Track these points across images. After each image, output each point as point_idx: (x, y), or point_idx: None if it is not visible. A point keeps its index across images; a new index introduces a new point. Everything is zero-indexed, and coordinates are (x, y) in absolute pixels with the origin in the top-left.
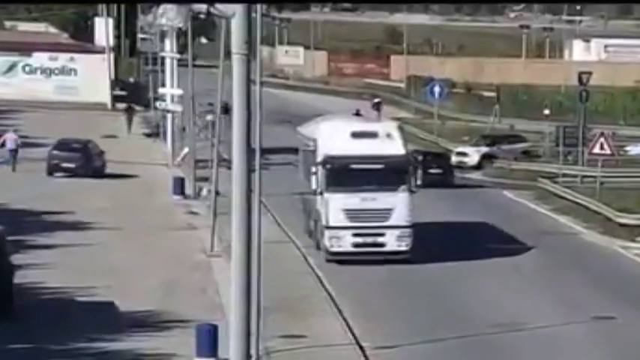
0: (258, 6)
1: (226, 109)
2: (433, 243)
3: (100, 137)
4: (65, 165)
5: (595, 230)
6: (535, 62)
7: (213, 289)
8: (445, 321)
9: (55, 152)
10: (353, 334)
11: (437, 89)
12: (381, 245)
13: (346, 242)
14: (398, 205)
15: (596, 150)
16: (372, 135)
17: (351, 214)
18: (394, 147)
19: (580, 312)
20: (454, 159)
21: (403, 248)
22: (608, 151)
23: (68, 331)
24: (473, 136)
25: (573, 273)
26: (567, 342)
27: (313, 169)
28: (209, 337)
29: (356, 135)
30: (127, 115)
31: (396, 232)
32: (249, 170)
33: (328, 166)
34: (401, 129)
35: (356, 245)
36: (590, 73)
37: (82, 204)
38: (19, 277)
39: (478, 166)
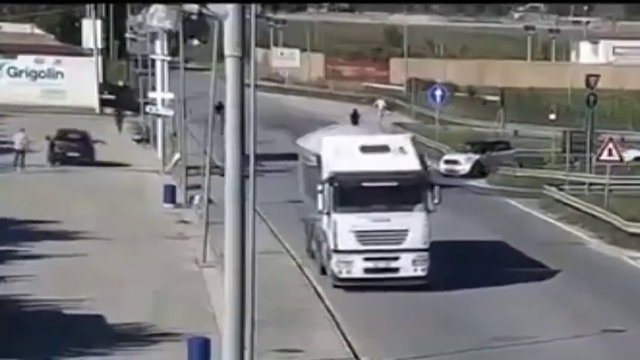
0: (253, 6)
1: (219, 107)
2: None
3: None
4: (70, 154)
5: (603, 240)
6: (541, 65)
7: (205, 301)
8: (449, 334)
9: (59, 142)
10: (352, 349)
11: (438, 93)
12: (395, 270)
13: (356, 267)
14: (414, 225)
15: (605, 156)
16: (384, 149)
17: (362, 236)
18: (408, 162)
19: (588, 324)
20: (442, 167)
21: (420, 273)
22: (616, 158)
23: (54, 346)
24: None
25: (580, 284)
26: (576, 355)
27: (319, 187)
28: (201, 351)
29: (366, 149)
30: (117, 118)
31: (412, 255)
32: (243, 177)
33: (336, 183)
34: (414, 141)
35: (367, 270)
36: (598, 76)
37: (69, 212)
38: (2, 289)
39: (469, 175)
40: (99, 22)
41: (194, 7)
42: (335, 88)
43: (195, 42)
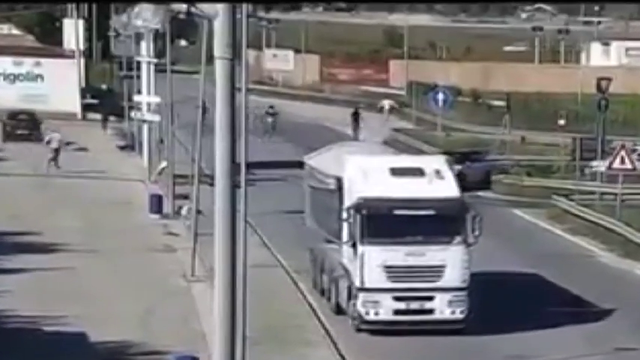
0: (244, 5)
1: (204, 109)
2: None
3: (69, 150)
4: (20, 132)
5: (614, 253)
6: (549, 67)
7: (194, 318)
8: (455, 353)
9: (9, 122)
10: None
11: (441, 97)
12: (430, 312)
13: (385, 308)
14: (451, 261)
15: (617, 164)
16: (417, 172)
17: (393, 272)
18: (446, 187)
19: (600, 343)
20: None
21: (457, 316)
22: (629, 166)
23: None
24: (481, 148)
25: (591, 300)
26: None
27: (344, 215)
28: None
29: (397, 172)
30: (103, 124)
31: (449, 295)
32: (234, 187)
33: (364, 211)
34: (450, 164)
35: (398, 312)
36: (609, 80)
37: (51, 223)
38: None
39: None
40: (81, 22)
41: (182, 6)
42: (331, 92)
43: (183, 43)
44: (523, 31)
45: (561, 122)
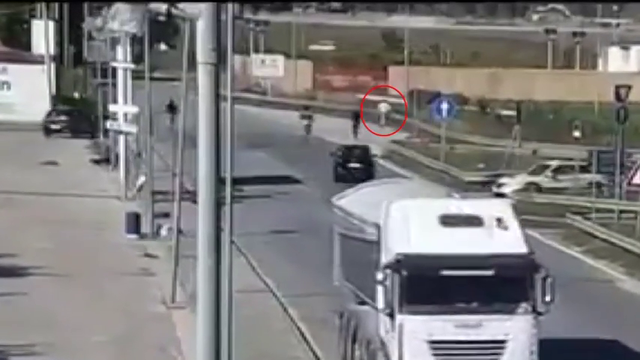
0: (230, 5)
1: (172, 107)
2: None
3: (38, 164)
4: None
5: (635, 277)
6: (563, 74)
7: (174, 348)
8: None
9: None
10: None
11: (445, 106)
12: None
13: None
14: (515, 334)
15: (637, 180)
16: (474, 221)
17: (441, 349)
18: (511, 240)
19: None
20: None
21: None
22: None
23: None
24: (488, 163)
25: (609, 330)
26: None
27: (379, 276)
28: None
29: (448, 221)
30: None
31: None
32: (219, 204)
33: (404, 271)
34: (514, 208)
35: None
36: (629, 87)
37: (21, 244)
38: None
39: None
40: (51, 24)
41: (161, 7)
42: (325, 100)
43: (163, 47)
44: (535, 34)
45: (576, 134)
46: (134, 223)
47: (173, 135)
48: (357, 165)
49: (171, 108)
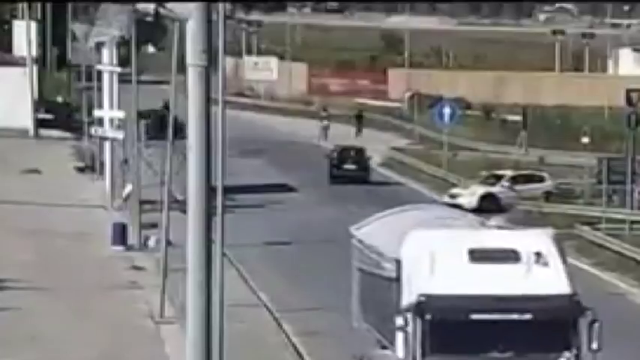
0: (221, 5)
1: (165, 107)
2: None
3: (19, 172)
4: None
5: None
6: (571, 77)
7: None
8: None
9: None
10: None
11: (447, 111)
12: None
13: None
14: None
15: None
16: (509, 256)
17: None
18: (552, 279)
19: None
20: None
21: None
22: None
23: None
24: (493, 170)
25: (621, 347)
26: None
27: (399, 321)
28: None
29: (478, 256)
30: None
31: None
32: (209, 214)
33: (428, 315)
34: (558, 242)
35: None
36: None
37: (1, 257)
38: None
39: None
40: (33, 25)
41: (149, 7)
42: (320, 105)
43: (151, 49)
44: (542, 36)
45: (585, 140)
46: (120, 234)
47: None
48: (352, 166)
49: (166, 109)
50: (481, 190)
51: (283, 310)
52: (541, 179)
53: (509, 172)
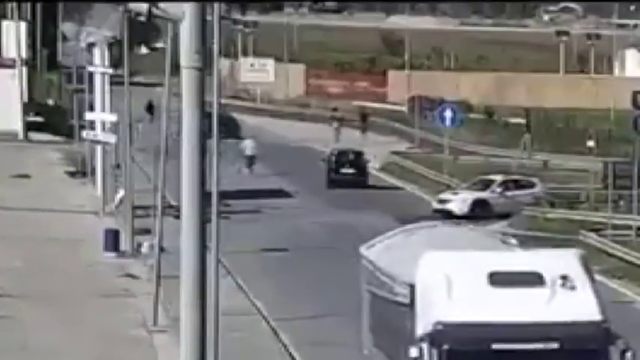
0: (216, 5)
1: (150, 107)
2: None
3: (8, 177)
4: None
5: None
6: (576, 79)
7: None
8: None
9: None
10: None
11: (448, 114)
12: None
13: None
14: None
15: None
16: (533, 279)
17: None
18: (579, 304)
19: None
20: None
21: None
22: None
23: None
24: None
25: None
26: None
27: (413, 351)
28: None
29: (500, 279)
30: None
31: None
32: (204, 221)
33: (445, 345)
34: (586, 263)
35: None
36: None
37: None
38: None
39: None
40: (23, 25)
41: (142, 7)
42: (318, 107)
43: (144, 50)
44: (546, 36)
45: (590, 144)
46: (113, 240)
47: (154, 144)
48: (349, 170)
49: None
50: (472, 196)
51: (279, 318)
52: (531, 185)
53: (499, 177)
